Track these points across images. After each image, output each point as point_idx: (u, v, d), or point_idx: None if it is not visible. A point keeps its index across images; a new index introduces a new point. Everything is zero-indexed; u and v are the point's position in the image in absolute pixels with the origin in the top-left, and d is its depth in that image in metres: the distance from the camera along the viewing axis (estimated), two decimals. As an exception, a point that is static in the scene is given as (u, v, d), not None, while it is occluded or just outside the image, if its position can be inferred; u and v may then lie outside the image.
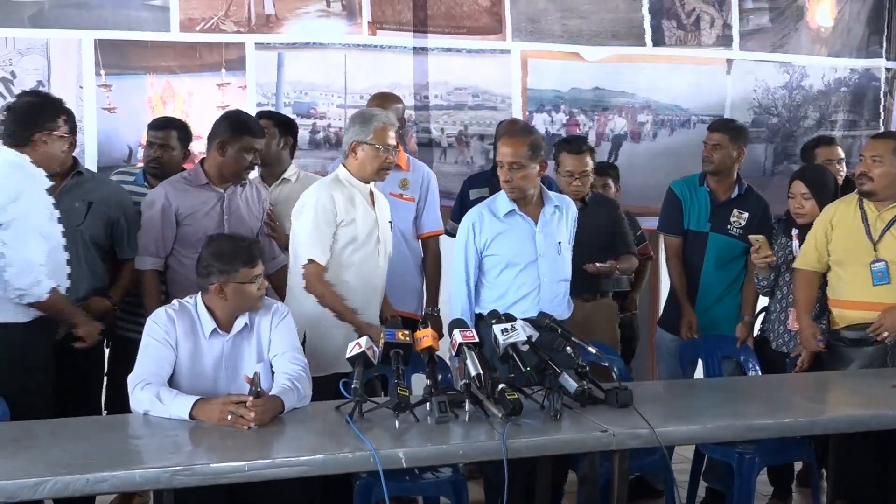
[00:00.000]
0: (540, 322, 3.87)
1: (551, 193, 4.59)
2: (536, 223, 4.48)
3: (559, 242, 4.50)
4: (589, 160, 5.07)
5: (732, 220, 5.32)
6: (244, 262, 3.75)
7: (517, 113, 6.23)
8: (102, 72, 5.53)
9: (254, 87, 5.78)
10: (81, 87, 5.49)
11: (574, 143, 5.13)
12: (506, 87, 6.29)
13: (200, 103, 5.61)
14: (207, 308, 3.79)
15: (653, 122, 6.57)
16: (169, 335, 3.72)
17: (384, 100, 5.24)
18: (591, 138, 6.33)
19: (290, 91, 5.87)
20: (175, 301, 3.87)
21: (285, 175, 5.01)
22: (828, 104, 6.95)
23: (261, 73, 5.80)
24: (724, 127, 5.43)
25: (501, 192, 4.51)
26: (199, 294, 3.82)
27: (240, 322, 3.80)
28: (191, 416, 3.40)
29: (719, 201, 5.38)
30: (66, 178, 4.41)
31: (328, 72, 5.94)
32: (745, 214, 5.32)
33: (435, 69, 6.13)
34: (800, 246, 4.86)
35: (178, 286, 4.44)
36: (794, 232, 4.95)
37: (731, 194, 5.38)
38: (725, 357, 5.15)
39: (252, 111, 5.36)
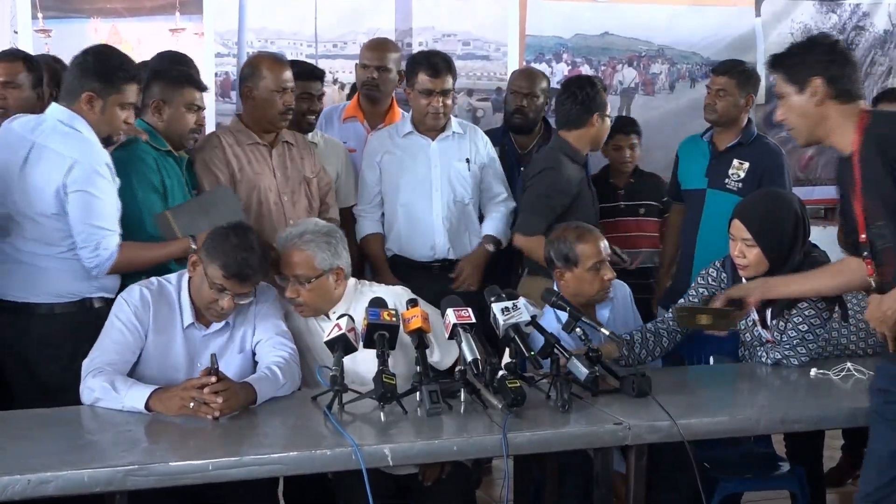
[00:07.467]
0: (547, 300, 3.84)
1: None
2: None
3: None
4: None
5: (731, 171, 5.04)
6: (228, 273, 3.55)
7: (513, 64, 6.18)
8: (40, 15, 5.46)
9: (212, 34, 5.72)
10: (16, 33, 5.43)
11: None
12: (501, 34, 6.23)
13: (151, 52, 5.38)
14: (190, 296, 3.70)
15: (668, 72, 6.52)
16: (140, 319, 3.63)
17: (377, 48, 5.27)
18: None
19: (254, 39, 5.80)
20: (153, 279, 3.77)
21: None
22: None
23: (220, 17, 5.74)
24: (730, 70, 5.19)
25: None
26: (187, 276, 3.73)
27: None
28: (147, 408, 3.34)
29: (719, 152, 5.13)
30: None
31: (296, 17, 5.89)
32: (746, 164, 5.02)
33: (420, 12, 6.08)
34: (763, 323, 4.09)
35: None
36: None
37: (732, 142, 5.12)
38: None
39: (210, 61, 5.32)
